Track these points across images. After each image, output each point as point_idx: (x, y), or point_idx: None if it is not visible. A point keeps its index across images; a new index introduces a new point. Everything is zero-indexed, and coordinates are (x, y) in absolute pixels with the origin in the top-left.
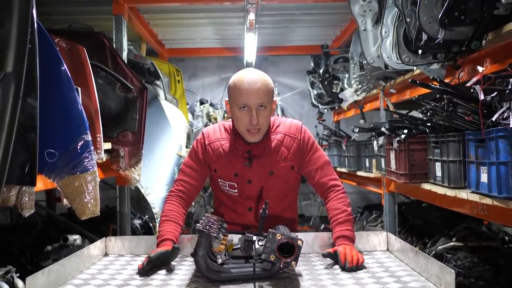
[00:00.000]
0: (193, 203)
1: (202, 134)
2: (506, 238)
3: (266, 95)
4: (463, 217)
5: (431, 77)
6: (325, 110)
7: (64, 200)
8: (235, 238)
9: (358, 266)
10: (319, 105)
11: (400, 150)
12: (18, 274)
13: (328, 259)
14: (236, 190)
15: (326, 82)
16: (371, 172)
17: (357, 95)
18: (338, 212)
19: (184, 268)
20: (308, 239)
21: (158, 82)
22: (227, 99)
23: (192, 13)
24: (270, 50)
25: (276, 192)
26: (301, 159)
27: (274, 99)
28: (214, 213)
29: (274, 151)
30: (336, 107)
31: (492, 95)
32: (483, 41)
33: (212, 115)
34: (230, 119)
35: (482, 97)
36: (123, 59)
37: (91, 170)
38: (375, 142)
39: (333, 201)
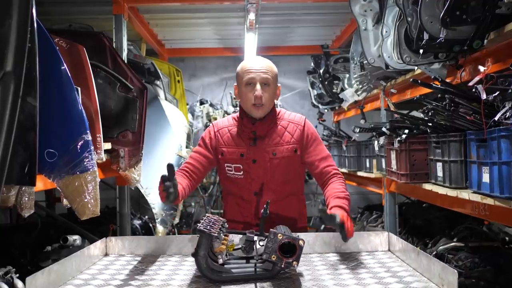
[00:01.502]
0: (193, 203)
1: (212, 124)
2: (507, 238)
3: (270, 73)
4: (464, 217)
5: (432, 77)
6: (325, 110)
7: (64, 200)
8: (236, 238)
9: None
10: (319, 105)
11: (401, 150)
12: (17, 275)
13: (330, 258)
14: (242, 173)
15: (326, 82)
16: (372, 173)
17: (358, 95)
18: (337, 190)
19: (185, 268)
20: (309, 239)
21: (158, 82)
22: (235, 84)
23: (192, 13)
24: (270, 50)
25: (279, 174)
26: (304, 148)
27: (279, 84)
28: (223, 212)
29: (278, 135)
30: (336, 107)
31: (494, 95)
32: (485, 41)
33: (212, 115)
34: (234, 114)
35: (484, 96)
36: (123, 59)
37: (91, 170)
38: (375, 142)
39: (333, 183)
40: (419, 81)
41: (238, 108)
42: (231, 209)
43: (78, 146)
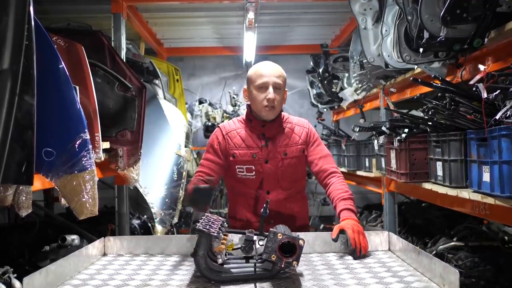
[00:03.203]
0: None
1: (219, 127)
2: (506, 238)
3: (281, 78)
4: (463, 217)
5: (432, 76)
6: (325, 110)
7: (62, 199)
8: (236, 238)
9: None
10: (319, 104)
11: (401, 150)
12: (15, 275)
13: (330, 258)
14: (253, 173)
15: (325, 82)
16: (371, 172)
17: (357, 94)
18: (341, 191)
19: (184, 268)
20: (309, 239)
21: (157, 81)
22: (245, 86)
23: (191, 12)
24: (270, 49)
25: (289, 173)
26: (307, 148)
27: (286, 89)
28: (230, 212)
29: (286, 136)
30: (336, 107)
31: (495, 93)
32: (485, 39)
33: (211, 114)
34: (239, 116)
35: (485, 95)
36: (122, 58)
37: (89, 169)
38: (375, 141)
39: (335, 184)
40: (419, 80)
41: (237, 108)
42: (242, 209)
43: (76, 145)
